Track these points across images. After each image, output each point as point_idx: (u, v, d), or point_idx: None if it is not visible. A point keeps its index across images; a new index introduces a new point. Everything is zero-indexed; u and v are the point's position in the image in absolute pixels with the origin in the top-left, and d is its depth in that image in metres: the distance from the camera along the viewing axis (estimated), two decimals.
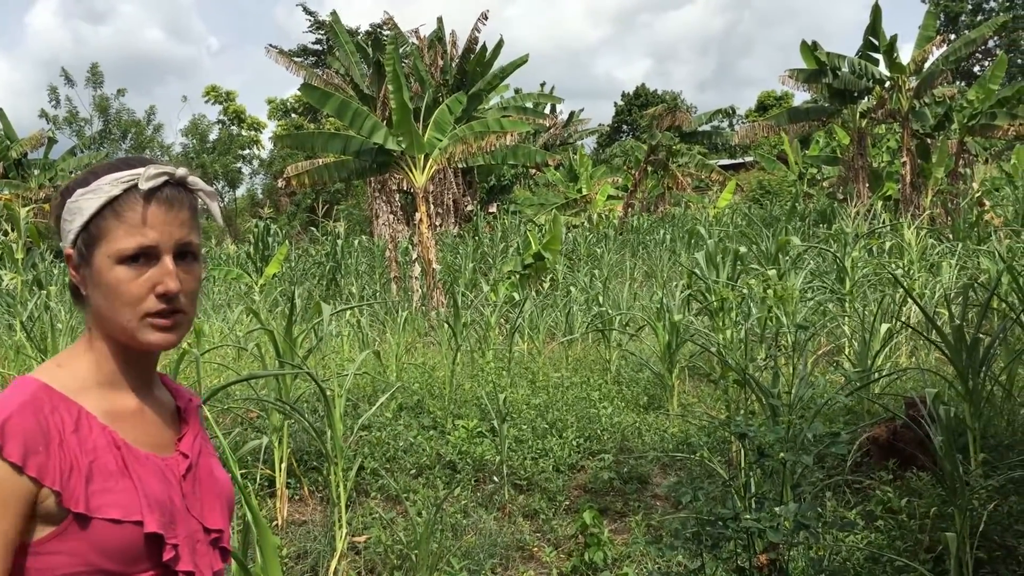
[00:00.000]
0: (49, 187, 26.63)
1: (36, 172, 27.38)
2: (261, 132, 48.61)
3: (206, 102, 48.28)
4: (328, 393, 5.00)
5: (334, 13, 22.97)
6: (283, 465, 5.45)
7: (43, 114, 40.98)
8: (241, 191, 49.56)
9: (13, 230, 14.15)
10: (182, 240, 1.38)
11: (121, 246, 1.34)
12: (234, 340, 9.03)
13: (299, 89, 14.91)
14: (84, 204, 1.36)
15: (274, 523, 5.27)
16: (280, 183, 16.84)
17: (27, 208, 15.44)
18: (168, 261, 1.36)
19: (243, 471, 5.32)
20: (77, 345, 1.41)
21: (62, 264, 17.58)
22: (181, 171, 1.41)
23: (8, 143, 27.31)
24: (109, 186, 1.36)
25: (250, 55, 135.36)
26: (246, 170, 48.31)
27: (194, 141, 45.28)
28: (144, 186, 1.35)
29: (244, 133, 47.55)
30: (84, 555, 1.26)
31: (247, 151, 47.48)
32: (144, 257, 1.35)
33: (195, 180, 1.42)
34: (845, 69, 20.69)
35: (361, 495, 5.69)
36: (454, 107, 14.71)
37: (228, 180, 46.19)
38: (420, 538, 4.40)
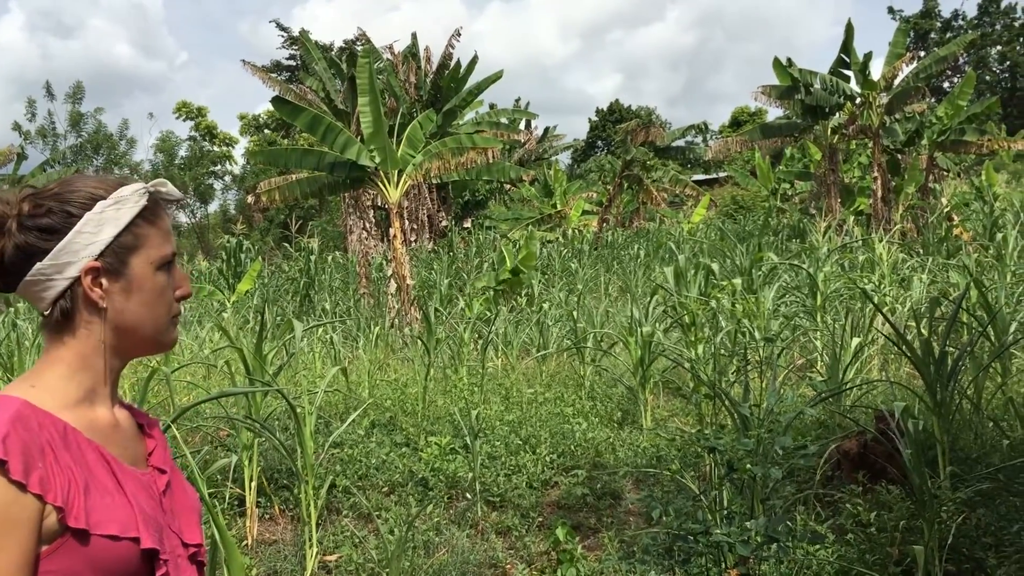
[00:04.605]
0: None
1: (5, 187, 27.03)
2: (233, 148, 48.41)
3: (177, 118, 48.07)
4: (298, 410, 4.97)
5: (303, 31, 22.97)
6: (253, 484, 5.39)
7: (16, 127, 40.75)
8: (213, 207, 49.34)
9: None
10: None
11: (164, 252, 1.41)
12: (204, 358, 8.95)
13: (271, 102, 14.82)
14: (115, 215, 1.37)
15: (244, 543, 5.21)
16: (251, 199, 16.73)
17: None
18: (180, 267, 1.46)
19: (212, 490, 5.26)
20: (44, 364, 1.37)
21: None
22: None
23: None
24: (136, 196, 1.40)
25: (219, 71, 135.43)
26: (218, 186, 48.06)
27: (162, 157, 44.97)
28: (174, 196, 1.46)
29: (216, 149, 47.30)
30: (79, 572, 1.23)
31: (218, 166, 47.21)
32: (171, 264, 1.44)
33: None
34: (817, 85, 20.92)
35: (332, 513, 5.64)
36: (425, 124, 14.70)
37: (199, 195, 45.91)
38: (391, 556, 4.37)
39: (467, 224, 29.87)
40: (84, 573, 1.23)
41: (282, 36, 40.03)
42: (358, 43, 29.82)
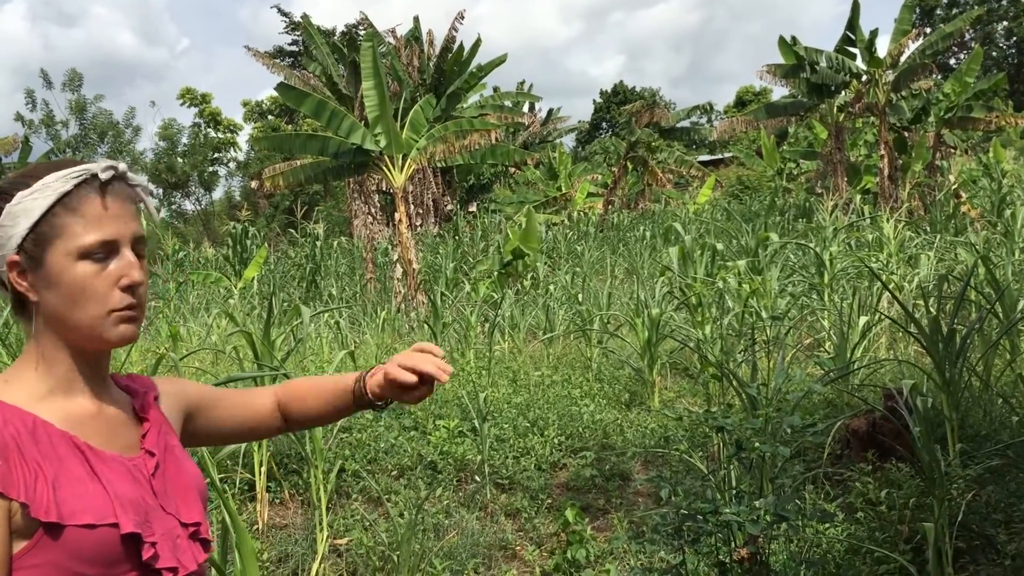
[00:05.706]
0: None
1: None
2: (237, 134, 48.25)
3: (181, 104, 47.81)
4: None
5: (305, 16, 22.91)
6: (263, 469, 5.41)
7: (18, 117, 40.68)
8: (218, 194, 49.22)
9: None
10: (137, 233, 1.37)
11: (82, 241, 1.31)
12: (211, 344, 8.97)
13: (275, 88, 14.77)
14: (30, 205, 1.31)
15: (255, 527, 5.23)
16: (255, 185, 16.70)
17: None
18: (129, 253, 1.35)
19: (222, 475, 5.28)
20: (22, 358, 1.36)
21: None
22: (123, 165, 1.39)
23: None
24: (59, 183, 1.32)
25: (221, 57, 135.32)
26: (222, 172, 47.93)
27: (164, 144, 44.82)
28: (103, 176, 1.34)
29: (220, 135, 47.15)
30: (62, 564, 1.22)
31: (221, 153, 47.04)
32: (105, 252, 1.33)
33: (133, 176, 1.41)
34: (823, 63, 20.76)
35: (342, 497, 5.65)
36: (426, 108, 14.66)
37: (201, 182, 45.81)
38: (402, 539, 4.39)
39: (472, 208, 29.81)
40: (69, 564, 1.22)
41: (284, 21, 39.83)
42: (360, 27, 29.68)
